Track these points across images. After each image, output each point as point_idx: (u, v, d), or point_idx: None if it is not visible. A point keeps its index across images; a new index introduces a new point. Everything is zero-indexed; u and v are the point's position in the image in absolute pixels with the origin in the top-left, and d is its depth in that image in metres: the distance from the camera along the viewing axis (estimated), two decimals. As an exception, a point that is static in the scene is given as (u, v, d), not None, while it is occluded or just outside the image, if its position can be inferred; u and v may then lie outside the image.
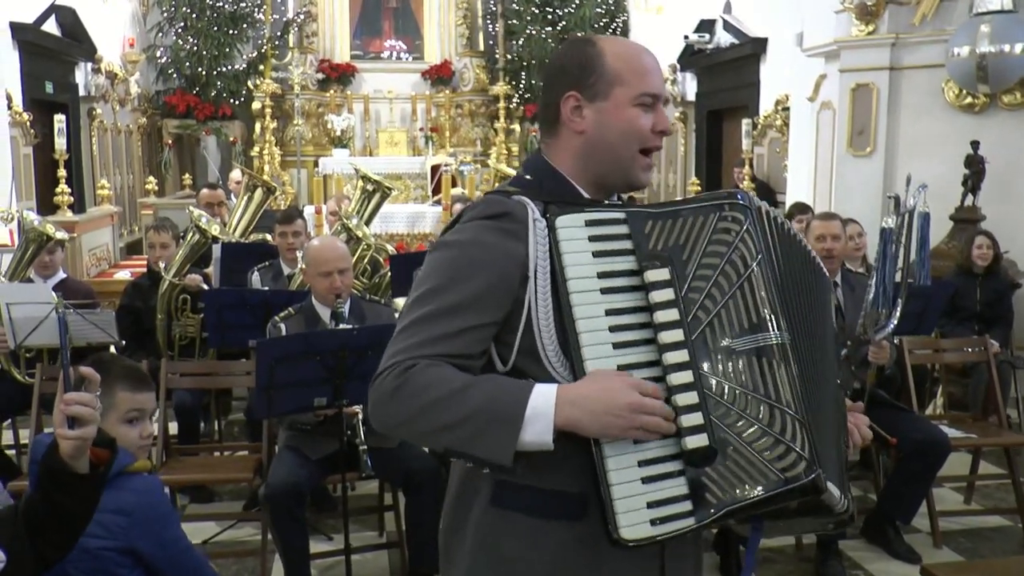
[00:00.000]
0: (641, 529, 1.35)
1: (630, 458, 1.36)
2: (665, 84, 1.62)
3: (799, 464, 1.34)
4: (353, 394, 3.33)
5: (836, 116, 7.56)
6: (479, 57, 14.20)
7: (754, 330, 1.40)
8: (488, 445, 1.36)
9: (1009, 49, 6.39)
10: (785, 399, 1.38)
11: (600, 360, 1.38)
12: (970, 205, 6.60)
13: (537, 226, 1.43)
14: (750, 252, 1.43)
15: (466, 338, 1.42)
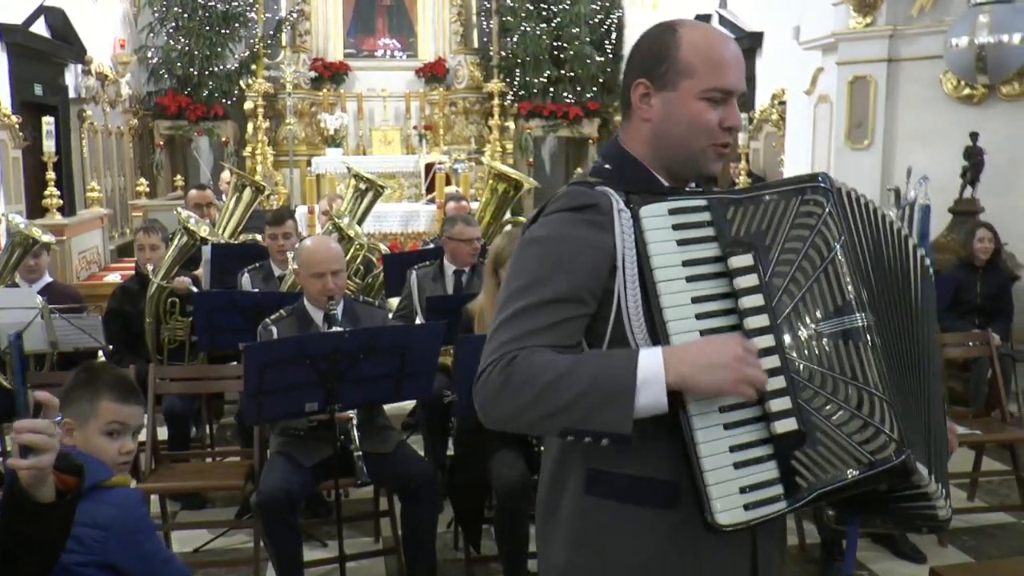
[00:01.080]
0: (736, 514, 1.39)
1: (722, 444, 1.39)
2: (743, 82, 1.57)
3: (889, 446, 1.37)
4: (346, 398, 3.25)
5: (834, 109, 7.51)
6: (473, 54, 14.12)
7: (839, 313, 1.42)
8: (605, 418, 1.37)
9: (1008, 39, 6.33)
10: (872, 381, 1.40)
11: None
12: (969, 197, 6.54)
13: (622, 217, 1.44)
14: (832, 235, 1.45)
15: (562, 330, 1.44)
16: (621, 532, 1.50)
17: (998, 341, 4.91)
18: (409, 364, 3.26)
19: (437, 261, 5.00)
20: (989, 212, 6.35)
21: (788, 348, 1.41)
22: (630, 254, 1.42)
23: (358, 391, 3.23)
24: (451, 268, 4.93)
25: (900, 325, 1.52)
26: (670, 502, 1.46)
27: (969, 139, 6.49)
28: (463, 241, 4.85)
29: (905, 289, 1.55)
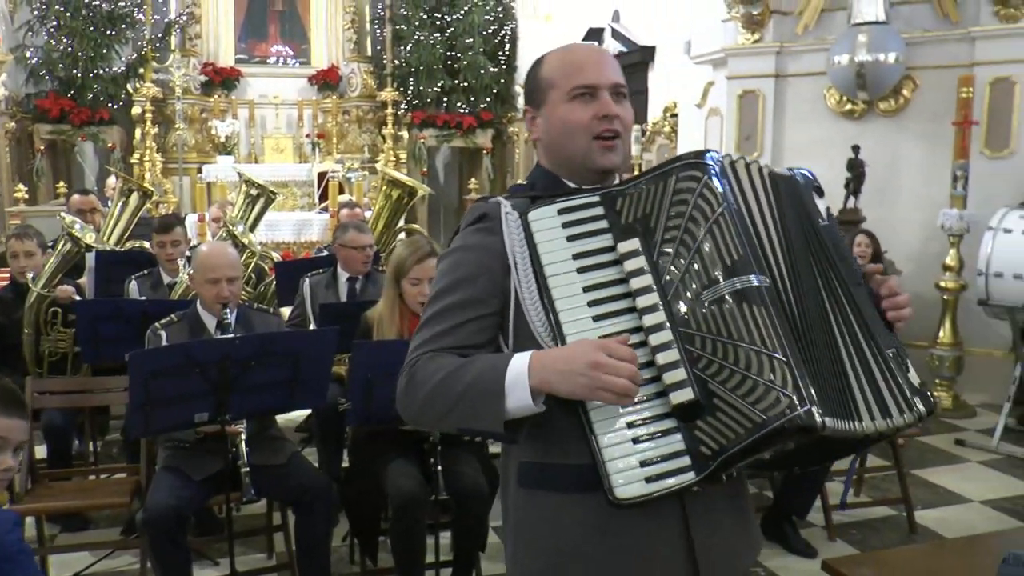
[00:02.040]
0: (637, 487, 1.41)
1: (619, 421, 1.43)
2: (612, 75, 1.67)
3: (781, 403, 1.36)
4: (237, 408, 3.14)
5: (724, 122, 7.73)
6: (367, 62, 13.99)
7: (725, 276, 1.44)
8: (482, 418, 1.47)
9: (884, 58, 6.65)
10: (763, 341, 1.41)
11: (581, 334, 1.46)
12: (852, 207, 6.82)
13: (509, 219, 1.54)
14: (711, 205, 1.48)
15: (466, 330, 1.55)
16: (549, 520, 1.57)
17: (879, 345, 5.12)
18: (303, 371, 3.18)
19: (330, 269, 4.92)
20: (871, 221, 6.62)
21: (680, 321, 1.45)
22: (520, 253, 1.51)
23: (250, 400, 3.13)
24: (344, 276, 4.86)
25: (810, 279, 1.54)
26: (589, 485, 1.47)
27: (851, 151, 6.77)
28: (356, 248, 4.79)
29: (810, 241, 1.58)
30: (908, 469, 4.73)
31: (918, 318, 6.41)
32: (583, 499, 1.52)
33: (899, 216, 6.92)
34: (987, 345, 6.54)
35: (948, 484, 4.96)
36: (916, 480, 4.92)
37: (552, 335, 1.48)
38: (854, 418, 1.46)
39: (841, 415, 1.44)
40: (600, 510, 1.48)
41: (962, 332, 6.39)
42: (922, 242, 6.85)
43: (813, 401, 1.38)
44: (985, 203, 6.16)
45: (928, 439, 5.70)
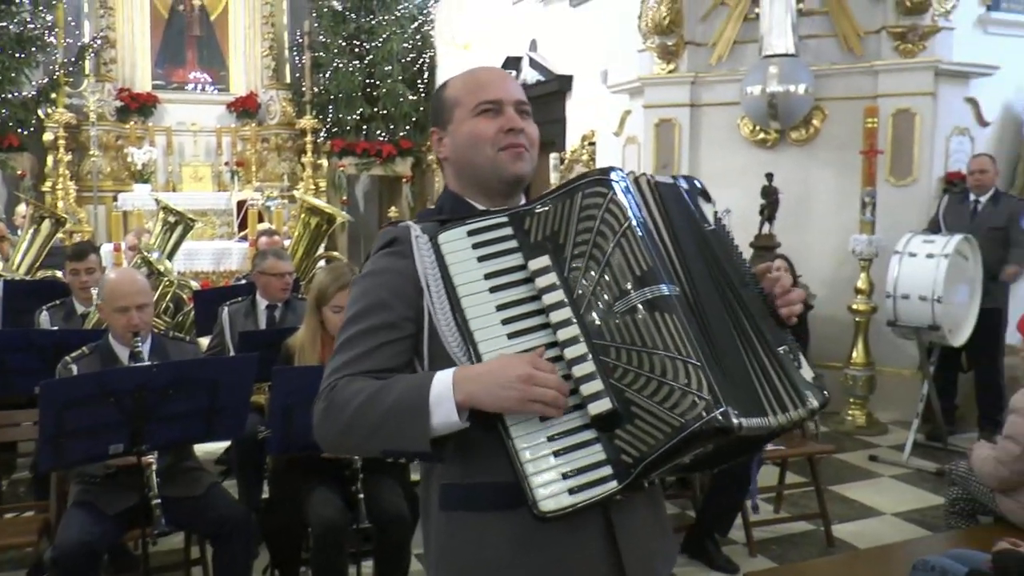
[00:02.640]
0: (561, 499, 1.41)
1: (539, 435, 1.45)
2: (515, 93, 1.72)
3: (697, 406, 1.39)
4: (154, 438, 3.05)
5: (641, 150, 7.87)
6: (286, 90, 13.92)
7: (636, 287, 1.47)
8: (407, 438, 1.47)
9: (795, 89, 6.87)
10: (677, 348, 1.43)
11: (497, 352, 1.48)
12: (767, 233, 7.00)
13: (419, 242, 1.56)
14: (617, 219, 1.51)
15: (382, 353, 1.56)
16: (473, 541, 1.57)
17: (796, 365, 5.26)
18: (221, 399, 3.11)
19: (249, 297, 4.85)
20: (785, 246, 6.80)
21: (594, 333, 1.47)
22: (432, 274, 1.54)
23: (167, 430, 3.05)
24: (263, 304, 4.80)
25: (706, 283, 1.58)
26: (513, 502, 1.47)
27: (765, 179, 6.96)
28: (275, 276, 4.74)
29: (700, 247, 1.62)
30: (825, 485, 4.84)
31: (832, 340, 6.68)
32: (507, 516, 1.52)
33: (812, 241, 7.13)
34: (897, 365, 6.77)
35: (863, 498, 5.11)
36: (833, 496, 5.05)
37: (468, 355, 1.49)
38: (763, 414, 1.50)
39: (753, 413, 1.47)
40: (525, 526, 1.48)
41: (874, 352, 6.60)
42: (835, 266, 7.06)
43: (728, 403, 1.41)
44: (892, 228, 6.39)
45: (843, 456, 5.87)
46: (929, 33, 6.79)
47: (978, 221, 6.24)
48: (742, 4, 7.25)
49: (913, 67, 6.84)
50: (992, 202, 6.30)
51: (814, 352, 6.55)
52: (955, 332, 5.91)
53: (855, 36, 6.98)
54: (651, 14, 7.42)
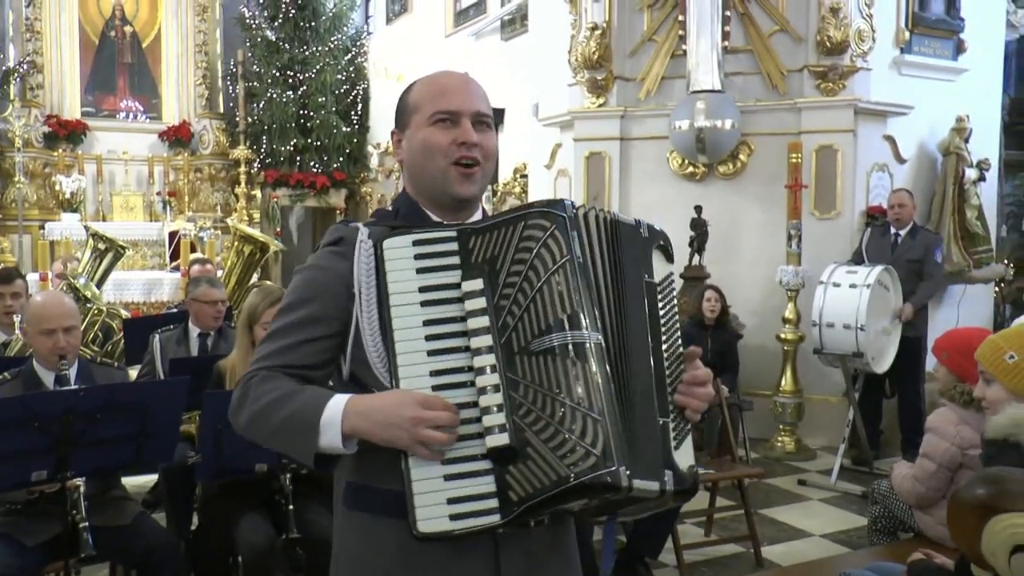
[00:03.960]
0: (440, 523, 1.42)
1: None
2: (475, 103, 1.71)
3: (587, 461, 1.38)
4: (80, 465, 2.99)
5: (572, 182, 7.98)
6: (219, 119, 13.82)
7: (553, 330, 1.45)
8: (297, 449, 1.53)
9: (721, 124, 7.06)
10: (581, 398, 1.42)
11: (413, 367, 1.47)
12: (697, 264, 7.15)
13: (362, 247, 1.56)
14: (553, 255, 1.49)
15: (304, 350, 1.58)
16: (365, 542, 1.59)
17: (727, 392, 5.38)
18: (151, 424, 3.05)
19: (181, 324, 4.79)
20: (714, 277, 6.96)
21: (508, 366, 1.45)
22: (367, 280, 1.54)
23: (95, 456, 2.99)
24: (196, 331, 4.75)
25: (638, 337, 1.56)
26: (402, 512, 1.48)
27: (694, 211, 7.12)
28: (207, 303, 4.70)
29: (648, 305, 1.59)
30: (755, 509, 4.98)
31: (762, 368, 6.83)
32: (396, 525, 1.52)
33: (741, 272, 7.30)
34: (825, 392, 6.94)
35: (792, 521, 5.23)
36: (763, 519, 5.15)
37: (386, 366, 1.50)
38: (658, 478, 1.47)
39: (647, 475, 1.45)
40: (410, 539, 1.48)
41: (802, 380, 6.76)
42: (763, 296, 7.23)
43: (622, 461, 1.40)
44: (817, 259, 6.59)
45: (773, 481, 6.00)
46: (848, 73, 7.07)
47: (898, 253, 6.49)
48: (669, 41, 7.45)
49: (834, 105, 7.10)
50: (910, 235, 6.56)
51: (744, 381, 6.70)
52: (878, 359, 6.11)
53: (779, 74, 7.23)
54: (580, 49, 7.57)
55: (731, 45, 7.27)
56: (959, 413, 3.40)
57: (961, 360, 3.33)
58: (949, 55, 7.82)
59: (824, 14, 7.01)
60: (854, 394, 6.19)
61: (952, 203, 7.59)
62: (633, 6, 7.62)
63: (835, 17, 6.98)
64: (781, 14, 7.25)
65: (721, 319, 6.34)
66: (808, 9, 7.14)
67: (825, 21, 7.00)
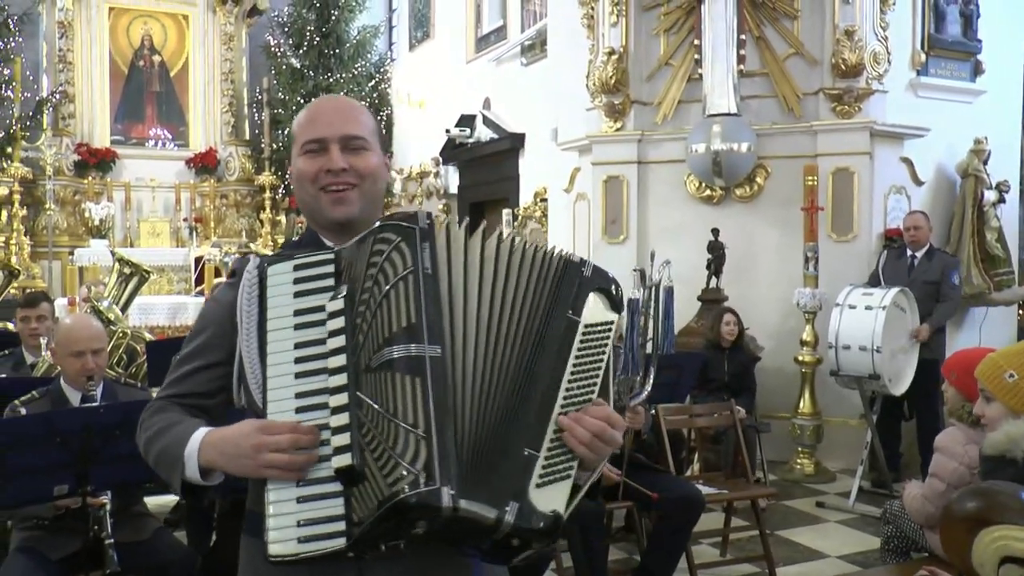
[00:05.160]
0: (288, 546, 1.39)
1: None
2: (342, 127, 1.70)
3: (405, 479, 1.34)
4: (100, 480, 3.08)
5: (591, 206, 8.03)
6: (245, 146, 14.04)
7: (390, 344, 1.41)
8: (169, 479, 1.60)
9: (737, 147, 7.10)
10: (407, 414, 1.38)
11: (281, 390, 1.47)
12: (714, 287, 7.17)
13: (246, 277, 1.56)
14: (395, 268, 1.46)
15: (195, 379, 1.65)
16: (250, 564, 1.62)
17: (743, 414, 5.40)
18: (170, 441, 3.14)
19: (205, 346, 4.87)
20: (732, 299, 6.97)
21: (356, 384, 1.42)
22: (247, 308, 1.54)
23: (114, 471, 3.08)
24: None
25: (514, 362, 1.48)
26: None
27: (711, 234, 7.16)
28: (232, 325, 4.77)
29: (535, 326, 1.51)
30: (772, 530, 5.01)
31: (780, 391, 6.84)
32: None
33: (758, 295, 7.30)
34: (842, 414, 6.92)
35: (808, 542, 5.22)
36: (779, 540, 5.15)
37: (260, 389, 1.50)
38: (496, 506, 1.39)
39: (479, 498, 1.38)
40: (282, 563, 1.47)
41: (820, 402, 6.74)
42: (781, 318, 7.24)
43: (448, 481, 1.34)
44: (834, 282, 6.59)
45: (791, 503, 5.99)
46: (864, 95, 7.10)
47: (914, 275, 6.48)
48: (686, 65, 7.52)
49: (850, 128, 7.13)
50: (927, 257, 6.56)
51: (762, 403, 6.70)
52: (895, 382, 6.09)
53: (794, 97, 7.28)
54: (598, 73, 7.67)
55: (747, 69, 7.33)
56: (967, 433, 3.40)
57: (967, 380, 3.33)
58: (967, 76, 7.83)
59: (839, 37, 7.05)
60: (872, 416, 6.17)
61: (971, 225, 7.57)
62: (649, 31, 7.72)
63: (850, 40, 7.02)
64: (796, 37, 7.30)
65: (738, 342, 6.36)
66: (823, 32, 7.18)
67: (840, 44, 7.04)
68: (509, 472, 1.42)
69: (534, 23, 10.43)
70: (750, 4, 7.30)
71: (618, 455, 4.22)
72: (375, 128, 1.77)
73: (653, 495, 4.08)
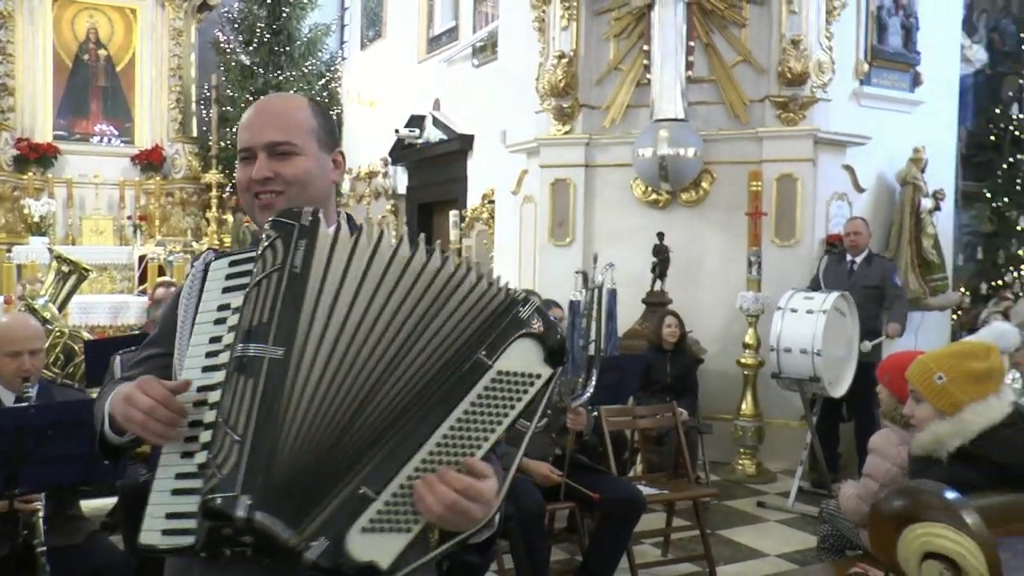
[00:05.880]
0: (153, 536, 1.36)
1: (172, 469, 1.40)
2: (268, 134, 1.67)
3: (210, 482, 1.30)
4: (31, 482, 3.02)
5: (538, 208, 8.06)
6: (192, 143, 13.83)
7: (242, 340, 1.38)
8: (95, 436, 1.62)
9: (684, 152, 7.18)
10: (231, 415, 1.33)
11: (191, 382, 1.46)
12: (659, 290, 7.24)
13: (194, 270, 1.61)
14: (265, 265, 1.41)
15: (150, 364, 1.66)
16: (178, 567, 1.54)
17: (685, 416, 5.46)
18: (105, 442, 3.09)
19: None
20: (676, 303, 7.05)
21: (227, 381, 1.38)
22: (185, 302, 1.58)
23: (44, 472, 3.02)
24: (159, 352, 4.75)
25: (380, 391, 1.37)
26: None
27: (657, 238, 7.23)
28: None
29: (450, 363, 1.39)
30: (713, 530, 5.08)
31: (723, 393, 6.93)
32: None
33: (703, 298, 7.40)
34: (783, 416, 7.03)
35: (748, 541, 5.31)
36: (720, 539, 5.23)
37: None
38: (294, 525, 1.31)
39: (289, 523, 1.31)
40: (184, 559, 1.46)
41: (762, 404, 6.85)
42: (724, 322, 7.33)
43: (250, 491, 1.28)
44: (777, 286, 6.69)
45: (733, 503, 6.08)
46: (808, 103, 7.24)
47: (854, 280, 6.63)
48: (634, 70, 7.59)
49: (794, 135, 7.26)
50: (866, 262, 6.72)
51: (705, 405, 6.78)
52: (835, 384, 6.21)
53: (741, 104, 7.39)
54: (548, 76, 7.70)
55: (695, 75, 7.42)
56: (900, 434, 3.48)
57: (899, 383, 3.42)
58: (906, 87, 8.03)
59: (785, 46, 7.18)
60: (812, 418, 6.28)
61: (909, 232, 7.75)
62: (600, 35, 7.77)
63: (796, 49, 7.15)
64: (744, 45, 7.42)
65: (681, 344, 6.44)
66: (770, 41, 7.31)
67: (786, 53, 7.17)
68: (333, 505, 1.33)
69: (486, 25, 10.44)
70: (700, 11, 7.40)
71: (560, 456, 4.26)
72: (315, 127, 1.70)
73: (595, 496, 4.11)
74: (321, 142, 1.71)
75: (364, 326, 1.38)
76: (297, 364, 1.35)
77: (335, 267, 1.40)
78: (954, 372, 2.74)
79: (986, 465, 2.53)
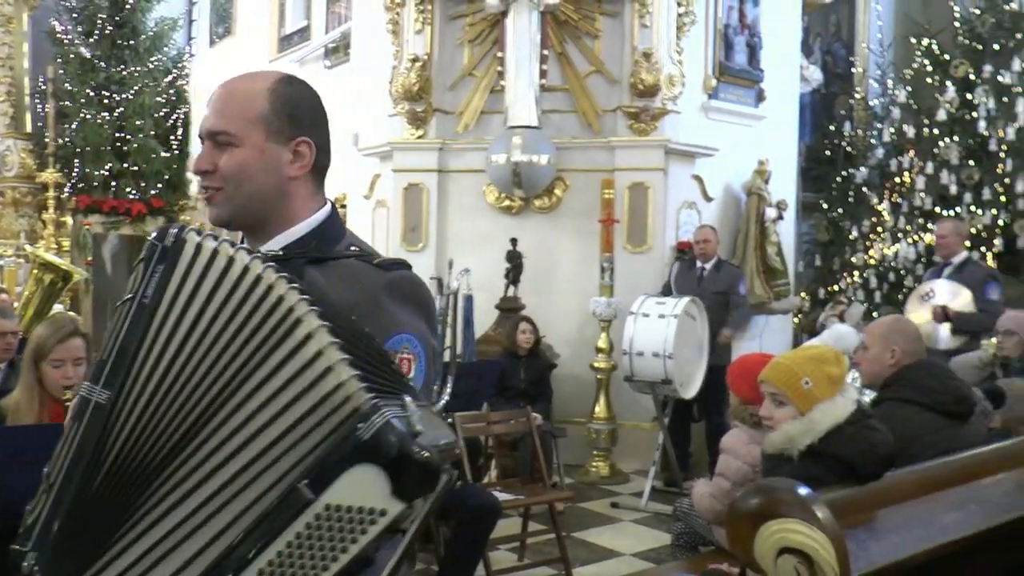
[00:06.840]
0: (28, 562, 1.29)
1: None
2: (208, 121, 1.51)
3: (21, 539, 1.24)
4: None
5: (390, 213, 7.97)
6: (26, 140, 12.91)
7: (87, 379, 1.26)
8: None
9: (537, 160, 7.23)
10: (53, 461, 1.25)
11: None
12: (512, 295, 7.26)
13: None
14: (127, 292, 1.25)
15: None
16: None
17: (539, 420, 5.47)
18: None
19: (-33, 357, 4.43)
20: (530, 308, 7.08)
21: None
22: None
23: None
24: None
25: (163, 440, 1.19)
26: None
27: (510, 244, 7.25)
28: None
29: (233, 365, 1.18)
30: (568, 532, 5.10)
31: (576, 396, 7.00)
32: None
33: (556, 303, 7.46)
34: (636, 418, 7.18)
35: (603, 542, 5.37)
36: (575, 541, 5.26)
37: None
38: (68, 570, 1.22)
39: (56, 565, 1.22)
40: None
41: (615, 407, 6.96)
42: (577, 326, 7.42)
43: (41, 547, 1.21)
44: (629, 291, 6.81)
45: (587, 504, 6.14)
46: (659, 115, 7.44)
47: (704, 285, 6.85)
48: (489, 76, 7.60)
49: (645, 145, 7.44)
50: (715, 269, 6.96)
51: (559, 409, 6.84)
52: (686, 386, 6.39)
53: (593, 113, 7.51)
54: (401, 80, 7.62)
55: (548, 83, 7.50)
56: (749, 433, 3.58)
57: (747, 384, 3.51)
58: (751, 102, 8.37)
59: (637, 59, 7.35)
60: (664, 419, 6.44)
61: (755, 240, 8.07)
62: (454, 40, 7.75)
63: (647, 62, 7.33)
64: (597, 56, 7.55)
65: (535, 349, 6.47)
66: (623, 53, 7.47)
67: (638, 65, 7.34)
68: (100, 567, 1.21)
69: (339, 25, 10.25)
70: (554, 21, 7.48)
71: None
72: (263, 112, 1.49)
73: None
74: (272, 130, 1.50)
75: (185, 374, 1.19)
76: (119, 410, 1.20)
77: (182, 299, 1.20)
78: (816, 376, 2.82)
79: (833, 461, 2.62)
